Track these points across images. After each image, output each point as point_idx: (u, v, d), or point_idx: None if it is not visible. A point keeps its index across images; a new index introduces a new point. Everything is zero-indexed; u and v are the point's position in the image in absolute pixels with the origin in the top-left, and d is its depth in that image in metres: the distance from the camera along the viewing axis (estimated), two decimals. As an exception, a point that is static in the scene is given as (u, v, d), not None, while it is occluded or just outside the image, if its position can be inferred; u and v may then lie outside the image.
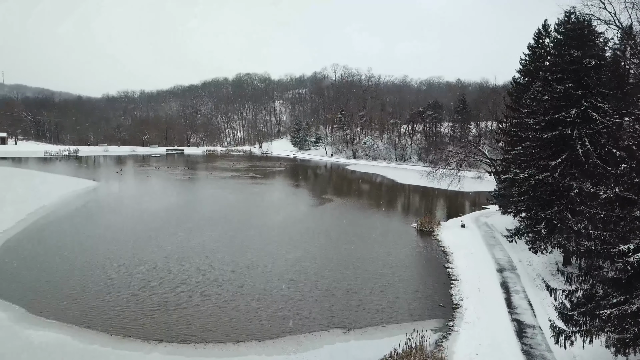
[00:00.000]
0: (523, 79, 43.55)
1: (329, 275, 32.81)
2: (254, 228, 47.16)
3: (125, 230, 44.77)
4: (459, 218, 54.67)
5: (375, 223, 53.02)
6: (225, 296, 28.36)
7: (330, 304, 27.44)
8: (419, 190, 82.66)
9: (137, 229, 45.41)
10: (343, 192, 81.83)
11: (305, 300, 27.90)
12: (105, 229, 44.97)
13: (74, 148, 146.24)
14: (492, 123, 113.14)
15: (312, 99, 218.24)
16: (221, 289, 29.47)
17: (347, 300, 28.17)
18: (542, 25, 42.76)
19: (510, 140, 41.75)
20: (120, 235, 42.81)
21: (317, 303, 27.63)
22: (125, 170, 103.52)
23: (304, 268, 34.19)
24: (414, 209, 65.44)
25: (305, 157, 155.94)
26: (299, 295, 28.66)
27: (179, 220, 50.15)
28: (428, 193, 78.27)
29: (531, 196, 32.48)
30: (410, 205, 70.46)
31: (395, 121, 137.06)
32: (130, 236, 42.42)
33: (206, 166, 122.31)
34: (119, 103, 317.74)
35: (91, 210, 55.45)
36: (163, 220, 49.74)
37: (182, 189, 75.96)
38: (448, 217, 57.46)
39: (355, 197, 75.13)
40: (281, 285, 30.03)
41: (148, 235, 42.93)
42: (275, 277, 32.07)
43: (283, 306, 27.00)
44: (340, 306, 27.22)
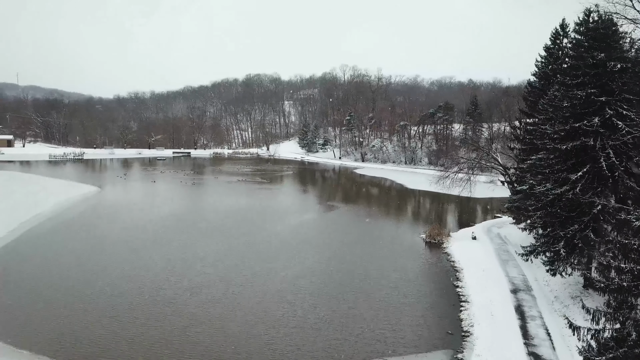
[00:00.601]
0: (539, 83, 40.78)
1: (328, 297, 30.42)
2: (252, 240, 44.93)
3: (118, 243, 42.72)
4: (470, 228, 51.90)
5: (381, 233, 50.49)
6: (212, 322, 26.11)
7: (327, 333, 25.04)
8: (428, 196, 79.88)
9: (131, 241, 43.36)
10: (350, 198, 79.38)
11: (300, 329, 25.53)
12: (97, 242, 42.97)
13: (80, 151, 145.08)
14: (505, 125, 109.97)
15: (321, 99, 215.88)
16: (209, 312, 27.23)
17: (346, 328, 25.74)
18: (560, 24, 39.96)
19: (525, 148, 39.01)
20: (113, 248, 40.82)
21: (313, 331, 25.25)
22: (130, 175, 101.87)
23: (301, 288, 31.82)
24: (423, 217, 62.78)
25: (313, 159, 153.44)
26: (293, 322, 26.29)
27: (175, 230, 48.07)
28: (438, 199, 75.53)
29: (549, 212, 29.77)
30: (419, 212, 67.75)
31: (404, 123, 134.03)
32: (122, 249, 40.39)
33: (212, 170, 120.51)
34: (130, 104, 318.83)
35: (87, 219, 53.61)
36: (160, 231, 47.71)
37: (184, 196, 74.00)
38: (459, 227, 54.81)
39: (362, 204, 72.64)
40: (276, 311, 27.72)
41: (141, 248, 40.87)
42: (270, 299, 29.76)
43: (275, 335, 24.67)
44: (338, 335, 24.81)
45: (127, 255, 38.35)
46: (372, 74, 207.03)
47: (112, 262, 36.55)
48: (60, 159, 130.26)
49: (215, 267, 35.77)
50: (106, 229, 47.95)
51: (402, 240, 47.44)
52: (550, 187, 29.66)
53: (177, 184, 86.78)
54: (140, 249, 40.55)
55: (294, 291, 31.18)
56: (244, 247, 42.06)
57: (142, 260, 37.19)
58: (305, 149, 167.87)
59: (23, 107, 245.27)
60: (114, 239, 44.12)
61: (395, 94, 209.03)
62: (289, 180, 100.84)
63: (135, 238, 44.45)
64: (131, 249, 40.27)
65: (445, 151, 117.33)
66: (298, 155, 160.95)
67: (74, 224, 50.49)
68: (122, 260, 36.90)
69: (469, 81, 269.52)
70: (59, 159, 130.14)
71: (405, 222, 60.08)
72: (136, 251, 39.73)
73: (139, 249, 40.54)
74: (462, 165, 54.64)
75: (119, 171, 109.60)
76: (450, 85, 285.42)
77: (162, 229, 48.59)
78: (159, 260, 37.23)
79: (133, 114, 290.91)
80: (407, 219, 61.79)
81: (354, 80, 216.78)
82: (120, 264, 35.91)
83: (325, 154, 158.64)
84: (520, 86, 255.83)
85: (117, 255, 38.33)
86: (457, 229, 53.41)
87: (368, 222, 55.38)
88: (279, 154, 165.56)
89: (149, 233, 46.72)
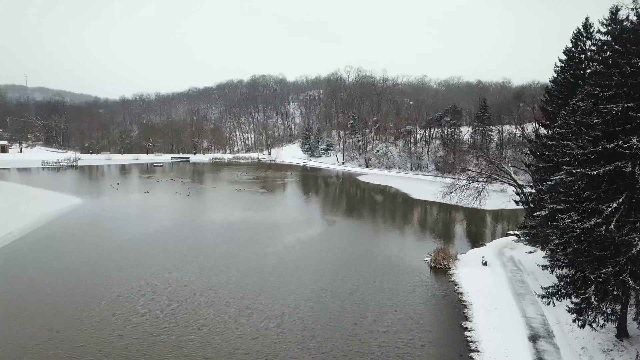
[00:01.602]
0: (559, 90, 35.85)
1: (315, 340, 25.83)
2: (239, 264, 40.41)
3: (82, 271, 38.24)
4: (480, 250, 47.16)
5: (382, 254, 45.75)
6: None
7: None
8: (434, 207, 75.07)
9: (100, 267, 38.97)
10: (351, 210, 74.65)
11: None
12: (63, 270, 38.60)
13: (75, 157, 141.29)
14: (516, 129, 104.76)
15: (325, 101, 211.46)
16: None
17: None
18: (583, 24, 35.03)
19: (544, 166, 34.13)
20: (75, 278, 36.38)
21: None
22: (124, 184, 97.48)
23: (290, 324, 27.38)
24: (429, 234, 57.88)
25: (315, 165, 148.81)
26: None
27: (156, 253, 43.64)
28: (445, 211, 70.68)
29: (575, 249, 24.96)
30: (424, 227, 62.79)
31: (410, 127, 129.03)
32: (85, 280, 35.95)
33: (210, 177, 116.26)
34: (134, 106, 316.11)
35: (61, 238, 49.29)
36: (138, 252, 43.32)
37: (176, 209, 69.46)
38: (467, 245, 50.09)
39: (363, 218, 67.99)
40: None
41: (109, 276, 36.44)
42: (243, 350, 25.17)
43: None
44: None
45: (91, 285, 33.94)
46: (377, 76, 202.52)
47: (69, 300, 32.14)
48: (53, 166, 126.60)
49: (188, 304, 31.25)
50: (78, 252, 43.53)
51: (405, 266, 42.61)
52: (576, 219, 24.86)
53: (171, 194, 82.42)
54: (108, 278, 36.10)
55: (282, 328, 26.66)
56: (228, 273, 37.52)
57: (108, 292, 32.75)
58: (308, 154, 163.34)
59: (25, 110, 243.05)
60: (80, 265, 39.69)
61: (401, 95, 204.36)
62: (288, 190, 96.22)
63: (108, 262, 40.00)
64: (98, 278, 35.86)
65: (453, 157, 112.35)
66: (300, 160, 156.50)
67: (44, 244, 46.21)
68: (81, 294, 32.50)
69: (477, 82, 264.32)
70: (52, 166, 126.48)
71: (409, 239, 55.25)
72: (103, 280, 35.30)
73: (106, 279, 36.09)
74: (470, 179, 49.76)
75: (113, 179, 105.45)
76: (459, 86, 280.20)
77: (142, 249, 44.17)
78: (129, 291, 32.80)
79: (135, 117, 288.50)
80: (411, 236, 56.93)
81: (359, 81, 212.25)
82: (80, 299, 31.52)
83: (328, 159, 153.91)
84: (529, 86, 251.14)
85: (75, 289, 33.92)
86: (465, 248, 48.66)
87: (368, 242, 50.77)
88: (280, 158, 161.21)
89: (125, 255, 42.31)
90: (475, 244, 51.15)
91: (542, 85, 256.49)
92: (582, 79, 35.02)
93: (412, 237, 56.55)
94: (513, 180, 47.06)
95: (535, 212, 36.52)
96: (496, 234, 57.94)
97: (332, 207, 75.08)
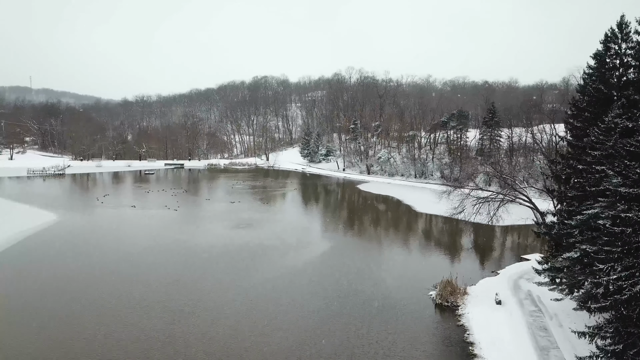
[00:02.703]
0: (588, 103, 29.97)
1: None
2: (209, 301, 34.72)
3: (32, 314, 32.65)
4: (493, 281, 41.37)
5: (379, 286, 40.00)
6: None
7: None
8: (440, 222, 69.24)
9: (55, 307, 33.37)
10: (348, 226, 68.74)
11: None
12: (15, 298, 33.10)
13: (63, 164, 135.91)
14: (527, 135, 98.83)
15: (327, 104, 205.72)
16: None
17: None
18: (617, 23, 29.11)
19: (574, 196, 28.28)
20: (22, 320, 30.83)
21: None
22: (112, 195, 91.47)
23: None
24: (434, 256, 51.98)
25: (315, 171, 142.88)
26: None
27: (124, 282, 38.00)
28: (451, 227, 64.92)
29: (624, 316, 19.19)
30: (428, 249, 56.73)
31: (414, 133, 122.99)
32: (32, 325, 30.37)
33: (204, 186, 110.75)
34: (135, 108, 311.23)
35: (15, 268, 43.52)
36: (101, 286, 37.63)
37: (160, 228, 63.31)
38: (477, 273, 44.20)
39: (361, 236, 62.20)
40: None
41: (59, 321, 30.86)
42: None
43: None
44: None
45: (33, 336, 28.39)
46: (380, 77, 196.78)
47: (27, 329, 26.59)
48: (39, 174, 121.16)
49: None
50: (30, 286, 37.94)
51: (407, 303, 36.71)
52: (623, 277, 19.10)
53: (159, 208, 76.65)
54: (58, 322, 30.53)
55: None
56: (194, 310, 31.84)
57: (53, 339, 27.20)
58: (308, 159, 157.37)
59: (20, 113, 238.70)
60: (32, 302, 34.11)
61: (405, 96, 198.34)
62: (284, 203, 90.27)
63: (65, 300, 34.41)
64: (47, 322, 30.29)
65: (460, 165, 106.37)
66: (299, 166, 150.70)
67: None
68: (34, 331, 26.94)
69: (483, 82, 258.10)
70: (38, 174, 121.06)
71: (412, 264, 49.36)
72: (52, 325, 29.75)
73: (55, 323, 30.52)
74: (480, 201, 43.87)
75: (100, 190, 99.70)
76: (464, 86, 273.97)
77: (109, 282, 38.50)
78: (82, 335, 27.24)
79: (134, 119, 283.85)
80: (413, 260, 51.03)
81: (363, 81, 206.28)
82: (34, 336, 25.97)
83: (328, 164, 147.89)
84: (536, 87, 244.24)
85: (17, 337, 28.38)
86: (476, 277, 42.71)
87: (365, 271, 44.93)
88: (279, 164, 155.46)
89: (84, 288, 36.67)
90: (486, 270, 45.41)
91: (550, 85, 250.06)
92: (616, 88, 29.19)
93: (415, 261, 50.70)
94: (531, 204, 41.19)
95: (559, 240, 30.62)
96: (510, 256, 52.08)
97: (329, 225, 69.13)
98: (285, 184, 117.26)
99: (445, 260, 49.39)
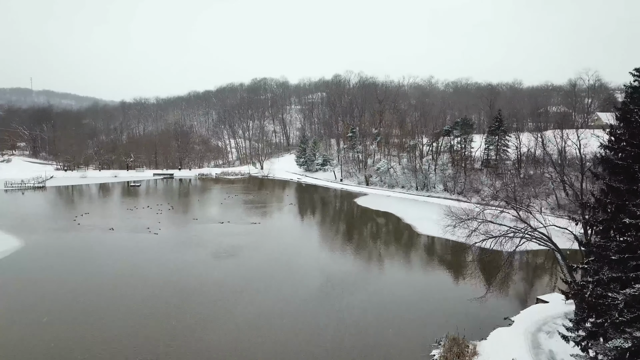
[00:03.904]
0: (632, 135, 23.22)
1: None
2: None
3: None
4: (508, 335, 34.61)
5: (370, 341, 33.39)
6: None
7: None
8: (443, 247, 62.60)
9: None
10: (341, 255, 61.49)
11: None
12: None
13: (45, 175, 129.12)
14: (536, 142, 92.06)
15: (324, 109, 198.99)
16: None
17: None
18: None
19: (618, 259, 21.65)
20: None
21: None
22: (92, 214, 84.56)
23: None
24: (434, 297, 45.05)
25: (311, 181, 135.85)
26: None
27: (66, 340, 31.44)
28: (457, 255, 58.24)
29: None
30: (428, 285, 49.81)
31: (415, 142, 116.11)
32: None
33: (193, 202, 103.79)
34: (132, 110, 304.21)
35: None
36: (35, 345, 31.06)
37: (130, 261, 55.89)
38: (487, 321, 37.22)
39: (353, 265, 55.36)
40: None
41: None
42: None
43: None
44: None
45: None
46: (380, 82, 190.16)
47: None
48: (17, 188, 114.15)
49: None
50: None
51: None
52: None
53: (139, 231, 69.46)
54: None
55: None
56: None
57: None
58: (304, 168, 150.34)
59: (12, 118, 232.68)
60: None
61: (406, 98, 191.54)
62: (277, 222, 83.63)
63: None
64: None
65: (464, 177, 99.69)
66: (295, 176, 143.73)
67: None
68: None
69: (487, 84, 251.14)
70: (16, 188, 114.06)
71: (409, 308, 41.95)
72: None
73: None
74: (493, 239, 37.17)
75: (80, 207, 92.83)
76: (467, 87, 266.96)
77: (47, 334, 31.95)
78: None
79: (129, 122, 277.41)
80: (411, 303, 43.55)
81: (363, 82, 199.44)
82: None
83: (325, 174, 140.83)
84: (543, 87, 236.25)
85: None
86: (486, 327, 35.71)
87: (355, 316, 38.22)
88: (273, 173, 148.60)
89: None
90: (498, 315, 38.65)
91: (555, 87, 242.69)
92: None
93: (413, 303, 43.27)
94: (554, 246, 34.60)
95: (592, 306, 23.91)
96: (524, 295, 45.60)
97: (321, 254, 62.13)
98: (280, 197, 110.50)
99: (449, 302, 42.63)
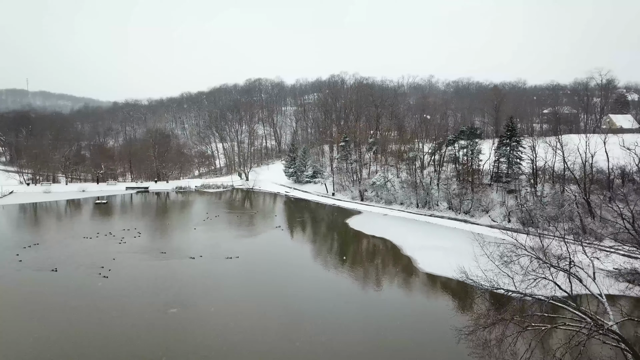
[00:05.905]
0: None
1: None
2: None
3: None
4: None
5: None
6: None
7: None
8: (454, 291, 50.29)
9: None
10: (323, 299, 48.90)
11: None
12: None
13: (2, 191, 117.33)
14: (555, 149, 79.91)
15: (318, 115, 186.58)
16: None
17: None
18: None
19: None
20: None
21: None
22: (41, 245, 71.60)
23: None
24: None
25: (300, 195, 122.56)
26: None
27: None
28: (466, 300, 45.99)
29: None
30: (436, 354, 37.50)
31: (414, 154, 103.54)
32: None
33: (164, 224, 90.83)
34: (124, 112, 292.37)
35: None
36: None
37: (59, 320, 44.24)
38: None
39: (338, 324, 42.80)
40: None
41: None
42: None
43: None
44: None
45: None
46: (378, 79, 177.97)
47: None
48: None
49: None
50: None
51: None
52: None
53: (87, 274, 55.95)
54: None
55: None
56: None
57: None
58: (293, 179, 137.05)
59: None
60: None
61: (405, 97, 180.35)
62: (256, 254, 71.05)
63: None
64: None
65: (472, 194, 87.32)
66: (283, 188, 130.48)
67: None
68: None
69: (489, 83, 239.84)
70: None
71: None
72: None
73: None
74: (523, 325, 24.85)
75: (28, 235, 79.82)
76: (469, 87, 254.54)
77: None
78: None
79: (122, 123, 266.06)
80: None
81: (361, 82, 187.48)
82: None
83: (316, 187, 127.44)
84: (549, 87, 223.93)
85: None
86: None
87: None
88: (259, 185, 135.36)
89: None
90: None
91: (561, 87, 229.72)
92: None
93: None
94: (627, 346, 22.35)
95: None
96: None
97: (296, 295, 50.12)
98: (266, 215, 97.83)
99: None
